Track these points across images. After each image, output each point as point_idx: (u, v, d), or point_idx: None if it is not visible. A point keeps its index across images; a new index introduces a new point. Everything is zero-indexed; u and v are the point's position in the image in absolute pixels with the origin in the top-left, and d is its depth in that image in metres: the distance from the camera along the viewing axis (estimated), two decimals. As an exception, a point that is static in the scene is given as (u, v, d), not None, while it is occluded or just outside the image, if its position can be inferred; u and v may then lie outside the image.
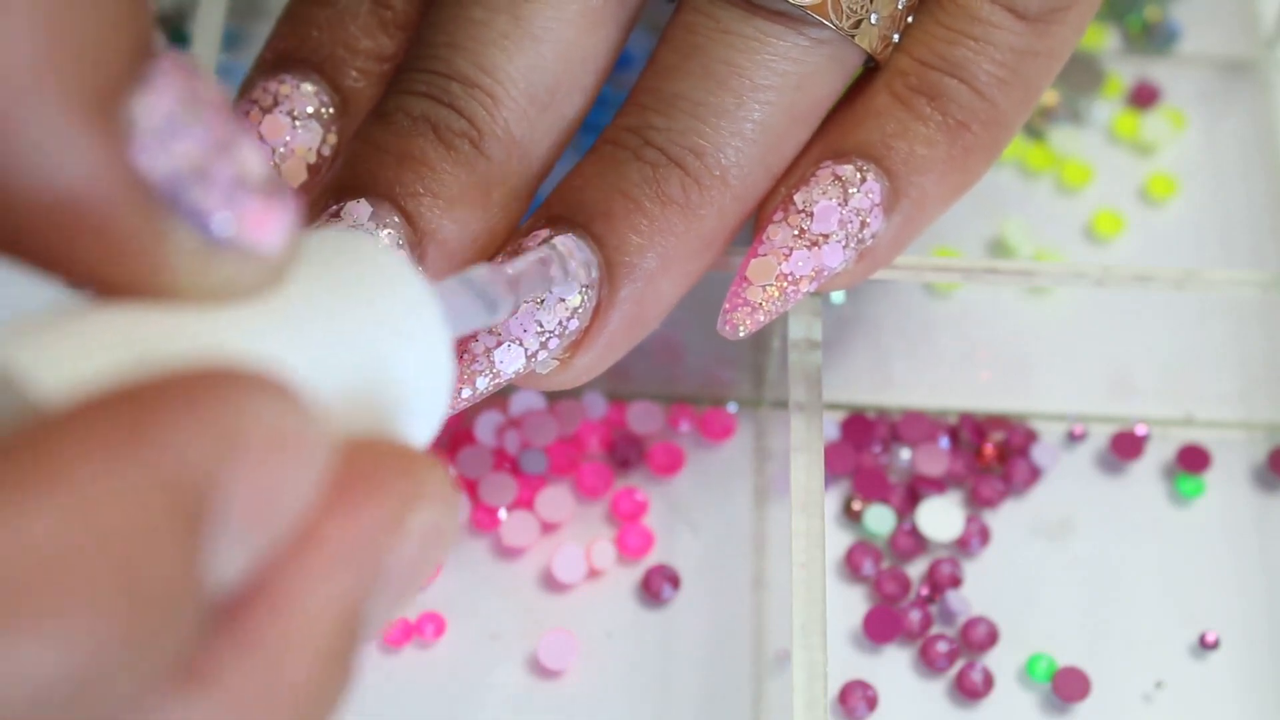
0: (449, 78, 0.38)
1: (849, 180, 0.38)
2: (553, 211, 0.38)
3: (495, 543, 0.45)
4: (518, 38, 0.38)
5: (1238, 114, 0.52)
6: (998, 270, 0.43)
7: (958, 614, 0.44)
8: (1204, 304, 0.48)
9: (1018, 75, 0.39)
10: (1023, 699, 0.43)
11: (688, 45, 0.38)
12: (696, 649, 0.44)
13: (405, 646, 0.43)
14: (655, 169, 0.38)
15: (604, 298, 0.38)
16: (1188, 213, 0.51)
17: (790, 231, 0.38)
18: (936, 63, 0.39)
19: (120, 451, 0.21)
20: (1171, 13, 0.54)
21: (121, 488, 0.21)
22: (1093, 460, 0.47)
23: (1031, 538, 0.45)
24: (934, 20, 0.39)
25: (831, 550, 0.45)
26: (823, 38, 0.38)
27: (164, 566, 0.21)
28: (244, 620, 0.23)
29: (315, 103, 0.39)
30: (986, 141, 0.39)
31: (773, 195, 0.39)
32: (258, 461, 0.23)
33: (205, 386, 0.23)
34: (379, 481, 0.24)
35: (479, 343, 0.37)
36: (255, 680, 0.23)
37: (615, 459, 0.46)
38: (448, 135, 0.38)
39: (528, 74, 0.38)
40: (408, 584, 0.25)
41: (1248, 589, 0.45)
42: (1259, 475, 0.47)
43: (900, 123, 0.39)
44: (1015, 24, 0.39)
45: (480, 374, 0.37)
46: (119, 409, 0.22)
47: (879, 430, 0.46)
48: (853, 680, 0.43)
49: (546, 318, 0.37)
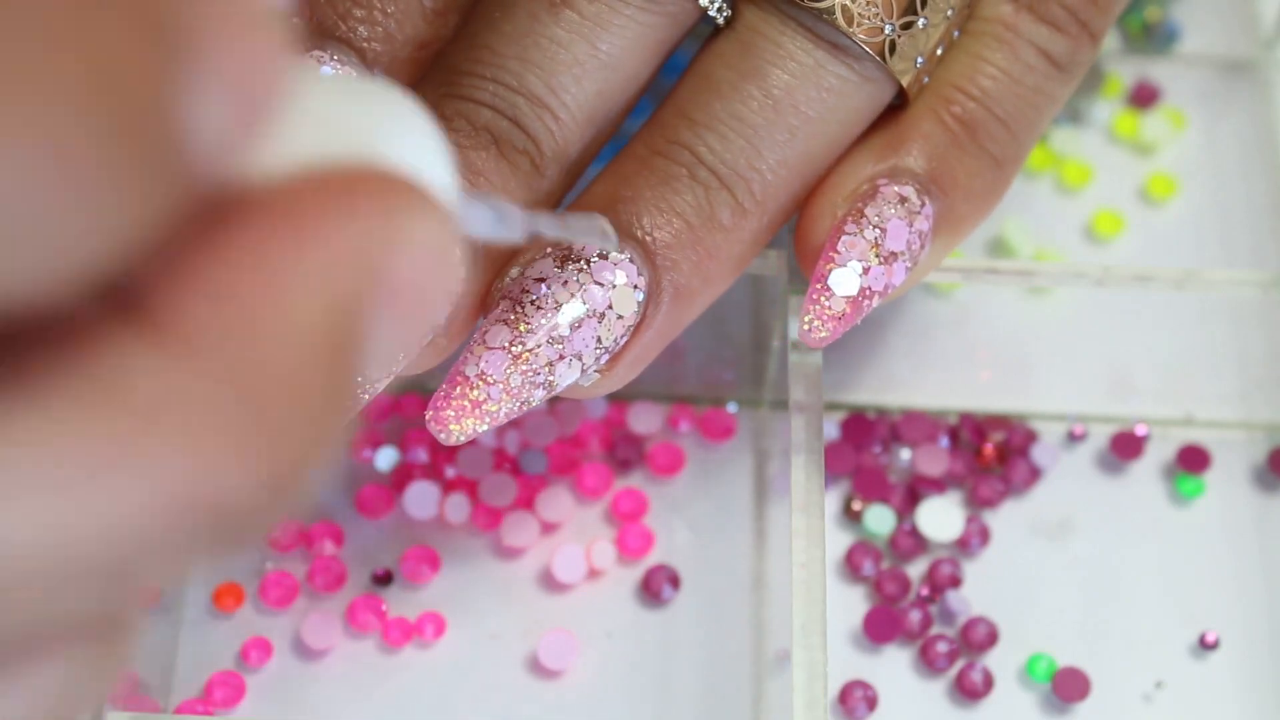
0: (517, 93, 0.38)
1: (912, 203, 0.39)
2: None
3: (495, 543, 0.45)
4: (592, 65, 0.38)
5: (1238, 114, 0.52)
6: (998, 270, 0.43)
7: (958, 614, 0.44)
8: (1204, 304, 0.48)
9: (1039, 116, 0.40)
10: (1023, 699, 0.43)
11: (745, 66, 0.38)
12: (696, 649, 0.44)
13: (405, 646, 0.43)
14: (708, 191, 0.38)
15: (648, 313, 0.38)
16: (1188, 213, 0.51)
17: (866, 244, 0.38)
18: (976, 94, 0.40)
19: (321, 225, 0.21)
20: (1171, 13, 0.54)
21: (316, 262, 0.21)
22: (1093, 460, 0.47)
23: (1031, 538, 0.45)
24: (973, 53, 0.40)
25: (831, 550, 0.45)
26: (870, 75, 0.38)
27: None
28: (231, 298, 0.21)
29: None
30: (1007, 176, 0.40)
31: (823, 204, 0.39)
32: (418, 264, 0.22)
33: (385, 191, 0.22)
34: (379, 191, 0.23)
35: (541, 355, 0.36)
36: (240, 354, 0.21)
37: (615, 459, 0.46)
38: (510, 152, 0.38)
39: (594, 100, 0.38)
40: (413, 306, 0.23)
41: (1248, 589, 0.45)
42: (1259, 475, 0.47)
43: (946, 149, 0.39)
44: (1048, 68, 0.40)
45: (539, 387, 0.37)
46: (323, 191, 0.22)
47: (879, 430, 0.46)
48: (853, 680, 0.43)
49: (605, 334, 0.37)
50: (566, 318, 0.37)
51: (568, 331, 0.36)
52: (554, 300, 0.37)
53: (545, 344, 0.36)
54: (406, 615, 0.43)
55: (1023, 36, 0.40)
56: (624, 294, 0.37)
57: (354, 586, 0.44)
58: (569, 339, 0.37)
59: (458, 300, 0.37)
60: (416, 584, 0.44)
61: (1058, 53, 0.40)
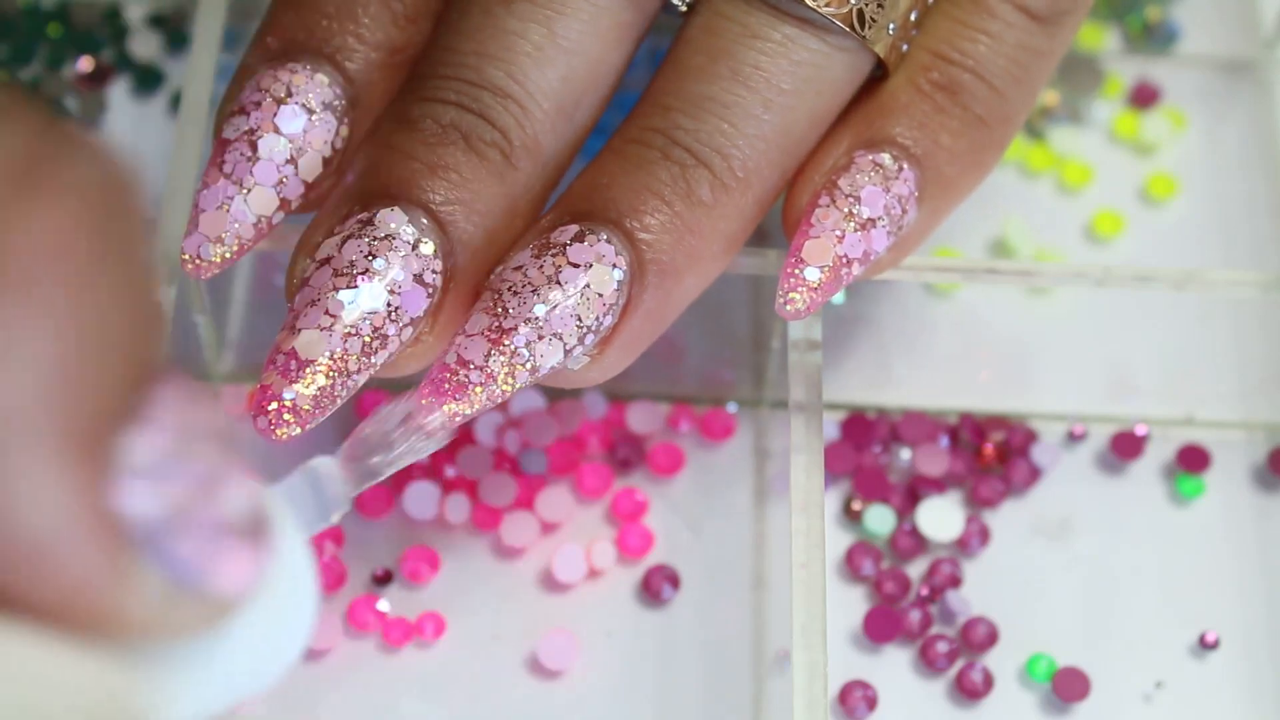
0: (480, 87, 0.38)
1: (888, 169, 0.39)
2: (579, 207, 0.38)
3: (495, 543, 0.45)
4: (551, 51, 0.38)
5: (1238, 114, 0.52)
6: (998, 270, 0.43)
7: (958, 614, 0.44)
8: (1204, 304, 0.48)
9: (1027, 73, 0.40)
10: (1023, 699, 0.43)
11: (714, 48, 0.38)
12: (696, 649, 0.44)
13: (405, 646, 0.43)
14: (684, 169, 0.38)
15: (634, 294, 0.38)
16: (1188, 213, 0.51)
17: (839, 214, 0.39)
18: (954, 57, 0.40)
19: None
20: (1171, 13, 0.54)
21: None
22: (1093, 460, 0.47)
23: (1031, 538, 0.45)
24: (949, 16, 0.40)
25: (831, 550, 0.45)
26: (844, 45, 0.39)
27: None
28: None
29: (329, 94, 0.39)
30: (999, 136, 0.40)
31: (804, 182, 0.40)
32: None
33: None
34: None
35: (520, 335, 0.37)
36: None
37: (615, 459, 0.46)
38: (479, 145, 0.38)
39: (558, 86, 0.38)
40: None
41: (1248, 589, 0.45)
42: (1259, 475, 0.47)
43: (926, 116, 0.40)
44: (1028, 23, 0.40)
45: (521, 365, 0.37)
46: None
47: (879, 430, 0.46)
48: (853, 680, 0.43)
49: (585, 312, 0.37)
50: (542, 299, 0.37)
51: (545, 312, 0.37)
52: (529, 285, 0.37)
53: (522, 324, 0.37)
54: (406, 615, 0.43)
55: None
56: (600, 272, 0.37)
57: (354, 586, 0.44)
58: (547, 318, 0.37)
59: (444, 296, 0.38)
60: (416, 584, 0.44)
61: (1036, 6, 0.40)
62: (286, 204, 0.38)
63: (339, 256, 0.37)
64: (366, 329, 0.37)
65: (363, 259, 0.37)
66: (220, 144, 0.39)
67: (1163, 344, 0.48)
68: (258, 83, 0.39)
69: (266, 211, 0.38)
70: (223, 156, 0.38)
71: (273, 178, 0.38)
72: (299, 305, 0.37)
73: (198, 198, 0.38)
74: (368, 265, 0.37)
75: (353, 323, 0.36)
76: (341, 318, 0.36)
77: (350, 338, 0.36)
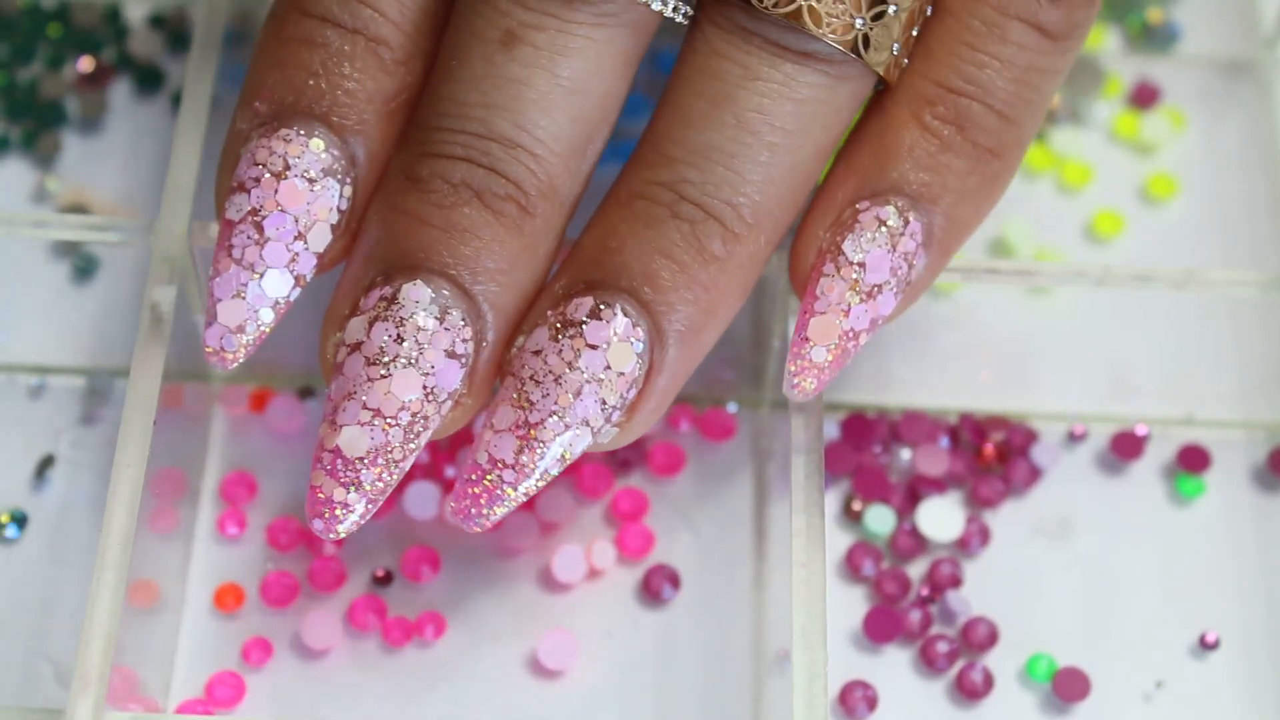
0: (488, 139, 0.37)
1: (894, 226, 0.38)
2: (592, 276, 0.37)
3: (495, 543, 0.45)
4: (558, 95, 0.37)
5: (1238, 114, 0.52)
6: (998, 270, 0.43)
7: (958, 614, 0.44)
8: (1204, 304, 0.48)
9: (1039, 94, 0.39)
10: (1023, 699, 0.43)
11: (715, 92, 0.37)
12: (696, 649, 0.44)
13: (405, 646, 0.43)
14: (694, 225, 0.37)
15: (655, 360, 0.37)
16: (1188, 213, 0.51)
17: (844, 285, 0.38)
18: (961, 87, 0.38)
19: None
20: (1171, 13, 0.54)
21: None
22: (1093, 460, 0.47)
23: (1031, 538, 0.45)
24: (956, 37, 0.38)
25: (831, 550, 0.45)
26: (846, 74, 0.38)
27: None
28: None
29: (328, 158, 0.38)
30: (1011, 164, 0.39)
31: (808, 238, 0.39)
32: None
33: None
34: None
35: (548, 429, 0.36)
36: None
37: (615, 459, 0.46)
38: (494, 201, 0.37)
39: (569, 128, 0.37)
40: None
41: (1248, 589, 0.45)
42: (1259, 475, 0.47)
43: (932, 157, 0.38)
44: (1041, 42, 0.38)
45: (554, 462, 0.37)
46: None
47: (879, 430, 0.46)
48: (853, 680, 0.43)
49: (609, 395, 0.37)
50: (566, 389, 0.36)
51: (570, 402, 0.36)
52: (550, 374, 0.37)
53: (549, 419, 0.36)
54: (406, 615, 0.43)
55: (1008, 14, 0.38)
56: (620, 350, 0.37)
57: (354, 586, 0.44)
58: (572, 409, 0.36)
59: (477, 363, 0.37)
60: (416, 584, 0.44)
61: (1051, 22, 0.38)
62: (301, 279, 0.38)
63: (369, 342, 0.37)
64: (405, 417, 0.36)
65: (393, 343, 0.36)
66: (226, 226, 0.38)
67: (1163, 344, 0.48)
68: (253, 155, 0.38)
69: (282, 293, 0.38)
70: (230, 240, 0.37)
71: (284, 258, 0.37)
72: (336, 396, 0.37)
73: (211, 286, 0.37)
74: (398, 351, 0.36)
75: (393, 415, 0.36)
76: (381, 411, 0.36)
77: (392, 428, 0.36)
